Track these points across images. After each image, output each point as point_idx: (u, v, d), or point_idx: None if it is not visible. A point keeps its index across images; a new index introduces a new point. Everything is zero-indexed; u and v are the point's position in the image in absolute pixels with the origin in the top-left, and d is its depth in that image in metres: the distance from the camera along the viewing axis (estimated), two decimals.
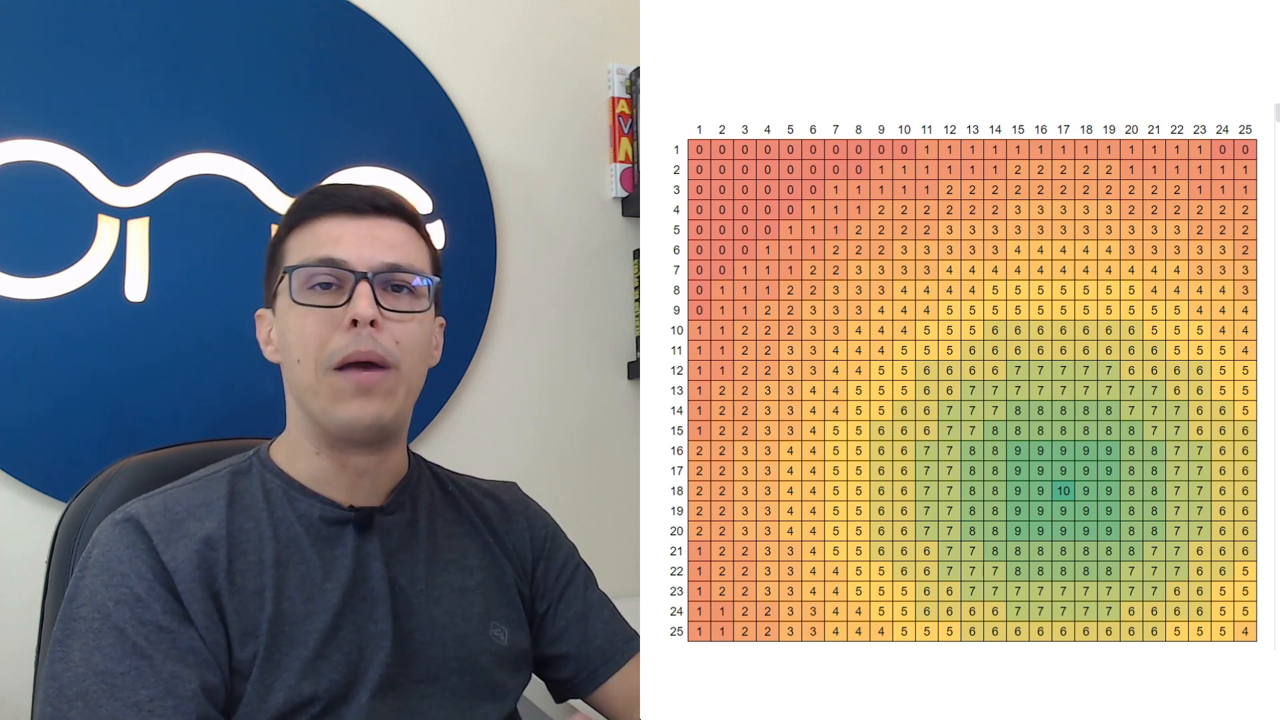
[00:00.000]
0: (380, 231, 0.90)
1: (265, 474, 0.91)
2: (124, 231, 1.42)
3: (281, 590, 0.84)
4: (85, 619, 0.79)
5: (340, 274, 0.87)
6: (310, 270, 0.87)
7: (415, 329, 0.90)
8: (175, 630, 0.79)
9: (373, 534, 0.90)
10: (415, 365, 0.91)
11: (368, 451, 0.91)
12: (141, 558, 0.81)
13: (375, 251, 0.88)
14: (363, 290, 0.86)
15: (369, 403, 0.86)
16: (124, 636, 0.78)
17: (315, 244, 0.89)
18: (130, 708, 0.75)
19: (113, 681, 0.76)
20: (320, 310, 0.87)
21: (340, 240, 0.88)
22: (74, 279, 1.39)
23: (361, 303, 0.85)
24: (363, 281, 0.86)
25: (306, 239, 0.90)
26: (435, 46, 1.65)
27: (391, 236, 0.91)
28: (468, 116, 1.67)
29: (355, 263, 0.87)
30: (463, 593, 0.93)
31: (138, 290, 1.43)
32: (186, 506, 0.86)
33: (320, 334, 0.86)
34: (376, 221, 0.91)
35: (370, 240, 0.89)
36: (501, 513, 1.02)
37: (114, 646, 0.77)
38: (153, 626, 0.79)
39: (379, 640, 0.87)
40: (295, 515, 0.89)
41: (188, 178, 1.46)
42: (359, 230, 0.89)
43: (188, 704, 0.77)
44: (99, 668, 0.77)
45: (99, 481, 1.04)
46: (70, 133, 1.40)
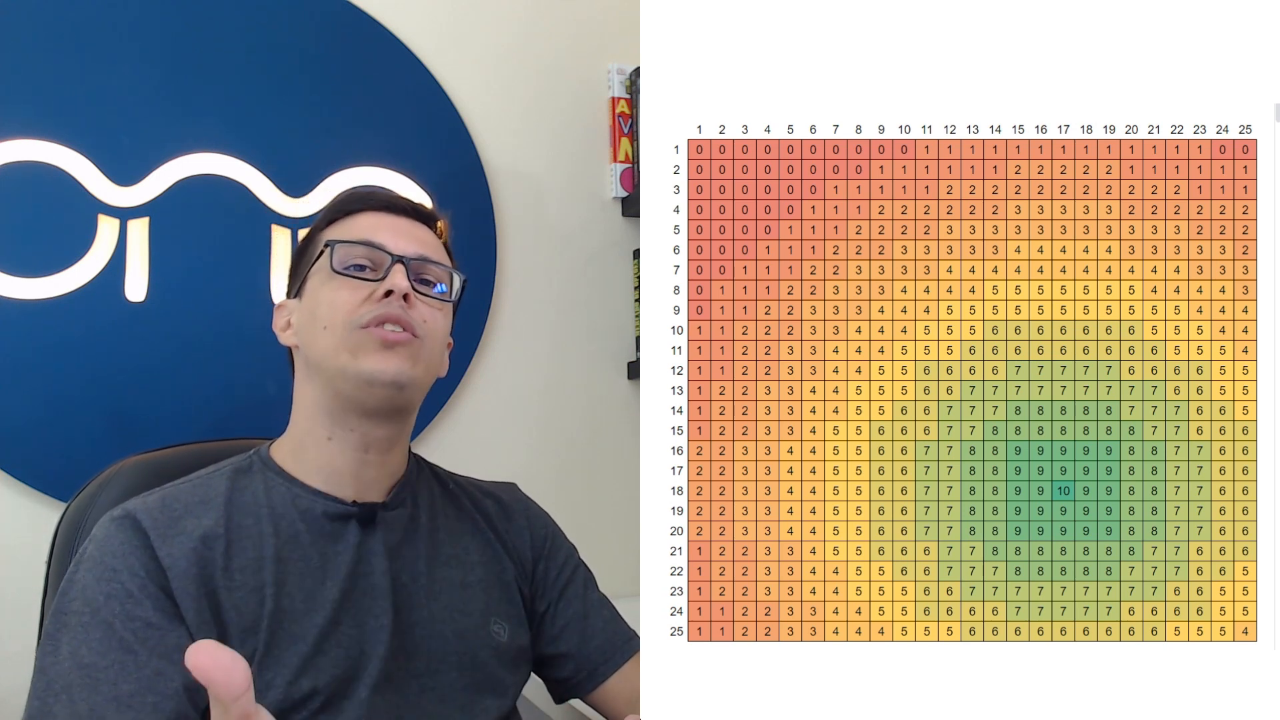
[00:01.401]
0: (415, 231, 0.96)
1: (266, 472, 0.91)
2: (124, 231, 1.42)
3: (281, 587, 0.84)
4: (76, 613, 0.79)
5: (378, 256, 0.92)
6: (350, 248, 0.92)
7: (440, 317, 0.94)
8: (163, 628, 0.79)
9: (375, 529, 0.90)
10: (434, 350, 0.94)
11: (381, 421, 0.91)
12: (136, 554, 0.81)
13: (410, 243, 0.94)
14: (398, 269, 0.91)
15: (392, 356, 0.88)
16: (111, 631, 0.78)
17: (356, 230, 0.94)
18: (110, 701, 0.75)
19: (96, 675, 0.76)
20: (356, 281, 0.91)
21: (379, 230, 0.94)
22: (74, 279, 1.39)
23: (398, 277, 0.90)
24: (398, 264, 0.91)
25: (347, 227, 0.95)
26: (435, 46, 1.65)
27: (425, 237, 0.97)
28: (468, 116, 1.67)
29: (392, 248, 0.92)
30: (464, 588, 0.94)
31: (138, 290, 1.43)
32: (185, 503, 0.86)
33: (352, 301, 0.90)
34: (413, 223, 0.97)
35: (407, 234, 0.95)
36: (502, 512, 1.02)
37: (101, 640, 0.78)
38: (141, 622, 0.79)
39: (379, 635, 0.87)
40: (297, 512, 0.89)
41: (188, 178, 1.47)
42: (397, 225, 0.96)
43: (167, 701, 0.77)
44: (84, 661, 0.77)
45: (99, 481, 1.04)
46: (70, 133, 1.40)
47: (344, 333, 0.88)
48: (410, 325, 0.89)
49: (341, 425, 0.90)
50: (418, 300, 0.91)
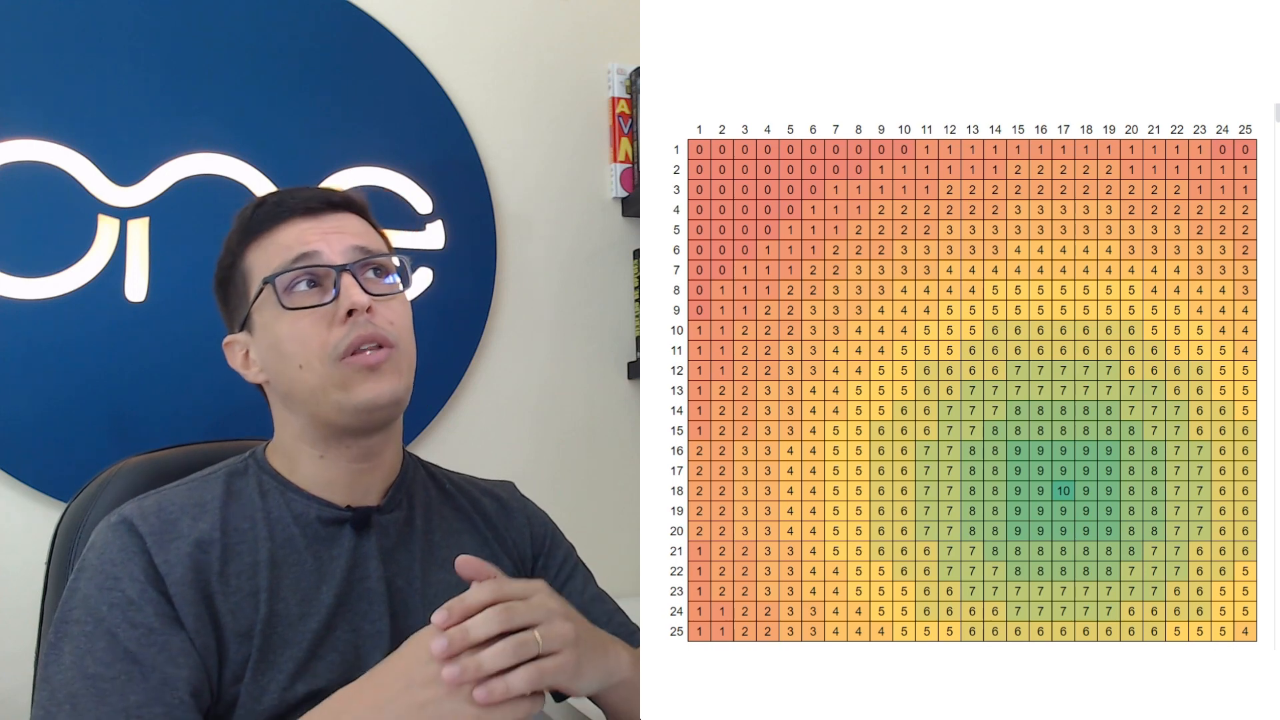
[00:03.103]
0: (341, 224, 0.91)
1: (262, 475, 0.91)
2: (124, 231, 1.42)
3: (276, 592, 0.84)
4: (78, 621, 0.79)
5: (319, 270, 0.88)
6: (291, 274, 0.87)
7: (401, 308, 0.91)
8: (166, 633, 0.79)
9: (370, 533, 0.90)
10: (410, 343, 0.92)
11: (377, 435, 0.91)
12: (135, 560, 0.81)
13: (343, 241, 0.89)
14: (348, 281, 0.87)
15: (382, 380, 0.87)
16: (115, 640, 0.78)
17: (283, 250, 0.89)
18: (119, 713, 0.75)
19: (101, 686, 0.76)
20: (313, 310, 0.87)
21: (307, 239, 0.89)
22: (74, 279, 1.39)
23: (353, 292, 0.86)
24: (345, 273, 0.87)
25: (270, 248, 0.90)
26: (435, 46, 1.65)
27: (352, 227, 0.92)
28: (467, 116, 1.67)
29: (330, 256, 0.88)
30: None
31: (138, 290, 1.43)
32: (181, 506, 0.86)
33: (319, 333, 0.86)
34: (334, 217, 0.92)
35: (335, 232, 0.90)
36: (501, 510, 1.02)
37: (105, 650, 0.78)
38: (144, 629, 0.79)
39: (376, 640, 0.87)
40: (291, 516, 0.89)
41: (188, 178, 1.47)
42: (321, 227, 0.90)
43: (176, 709, 0.77)
44: (89, 671, 0.77)
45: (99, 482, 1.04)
46: (70, 133, 1.40)
47: (325, 369, 0.86)
48: (383, 337, 0.87)
49: (334, 446, 0.90)
50: (377, 305, 0.88)
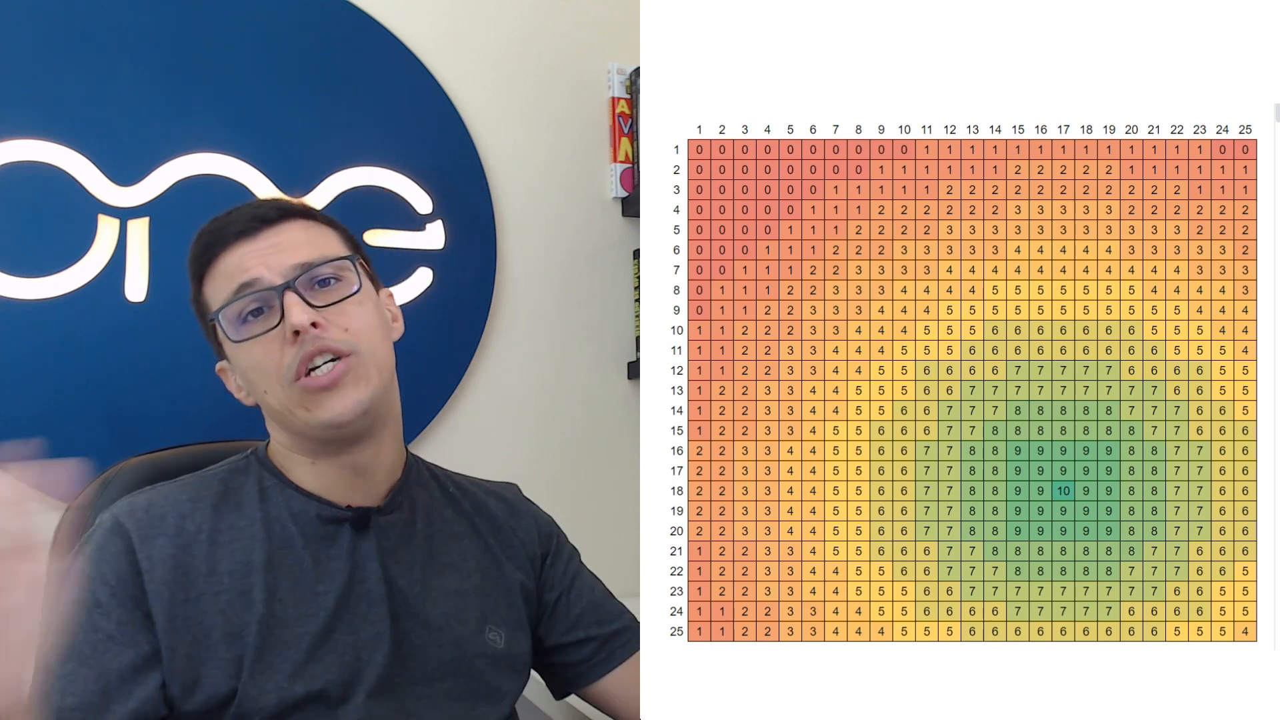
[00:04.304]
0: (279, 239, 0.90)
1: (263, 473, 0.91)
2: (124, 231, 1.42)
3: (273, 593, 0.85)
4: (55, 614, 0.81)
5: (261, 295, 0.87)
6: (233, 306, 0.88)
7: (357, 310, 0.90)
8: (123, 643, 0.81)
9: (369, 534, 0.90)
10: (376, 344, 0.90)
11: (363, 444, 0.91)
12: (113, 561, 0.83)
13: (281, 259, 0.88)
14: (290, 300, 0.86)
15: (343, 395, 0.86)
16: (72, 639, 0.80)
17: (226, 280, 0.89)
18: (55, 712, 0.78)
19: (50, 683, 0.79)
20: (261, 338, 0.87)
21: (246, 265, 0.88)
22: (74, 279, 1.39)
23: (294, 312, 0.85)
24: (286, 292, 0.86)
25: (217, 280, 0.90)
26: (435, 46, 1.66)
27: (292, 239, 0.90)
28: (467, 116, 1.67)
29: (268, 278, 0.87)
30: (459, 595, 0.93)
31: (138, 290, 1.43)
32: (172, 504, 0.87)
33: (271, 359, 0.86)
34: (271, 232, 0.90)
35: (273, 251, 0.89)
36: (508, 510, 1.02)
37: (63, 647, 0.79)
38: (103, 635, 0.80)
39: (376, 642, 0.87)
40: (290, 515, 0.89)
41: (188, 178, 1.47)
42: (259, 247, 0.89)
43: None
44: (48, 664, 0.79)
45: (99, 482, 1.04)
46: (70, 133, 1.40)
47: (284, 392, 0.86)
48: (334, 349, 0.86)
49: (324, 455, 0.90)
50: (327, 314, 0.87)
